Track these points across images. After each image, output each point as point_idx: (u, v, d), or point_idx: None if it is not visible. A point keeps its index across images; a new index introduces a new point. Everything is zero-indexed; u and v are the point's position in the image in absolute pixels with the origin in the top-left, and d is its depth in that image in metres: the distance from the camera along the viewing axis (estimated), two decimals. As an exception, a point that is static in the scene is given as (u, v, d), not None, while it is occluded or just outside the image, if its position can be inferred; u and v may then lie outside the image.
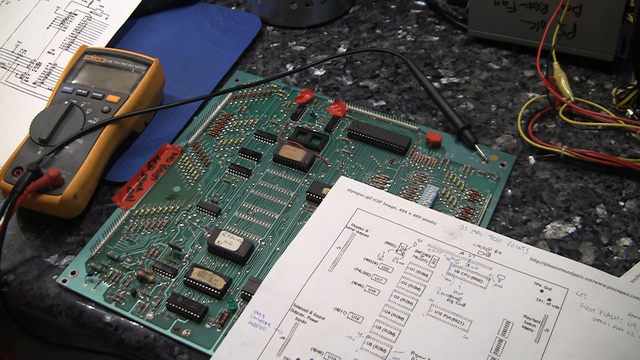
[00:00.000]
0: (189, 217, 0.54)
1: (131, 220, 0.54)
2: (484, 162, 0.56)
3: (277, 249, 0.52)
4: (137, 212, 0.54)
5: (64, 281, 0.51)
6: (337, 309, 0.47)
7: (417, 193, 0.54)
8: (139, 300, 0.49)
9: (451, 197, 0.54)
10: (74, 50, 0.65)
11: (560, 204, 0.54)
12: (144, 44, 0.69)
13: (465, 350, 0.45)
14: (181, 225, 0.54)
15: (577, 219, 0.53)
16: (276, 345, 0.46)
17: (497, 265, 0.49)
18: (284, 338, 0.46)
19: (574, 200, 0.54)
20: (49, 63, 0.65)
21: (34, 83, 0.64)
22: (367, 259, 0.50)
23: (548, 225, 0.52)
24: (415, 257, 0.50)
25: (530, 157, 0.57)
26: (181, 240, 0.53)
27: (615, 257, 0.50)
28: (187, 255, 0.51)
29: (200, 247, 0.52)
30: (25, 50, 0.66)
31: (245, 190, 0.56)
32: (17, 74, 0.64)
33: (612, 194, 0.54)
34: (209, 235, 0.52)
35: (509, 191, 0.55)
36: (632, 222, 0.52)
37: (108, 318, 0.49)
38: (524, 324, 0.46)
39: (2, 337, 0.54)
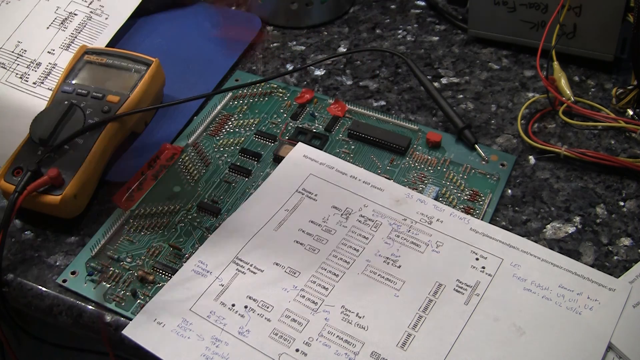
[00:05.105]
0: (189, 217, 0.54)
1: (131, 220, 0.54)
2: (484, 162, 0.56)
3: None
4: (137, 212, 0.54)
5: (64, 281, 0.51)
6: (277, 264, 0.49)
7: (417, 193, 0.54)
8: (138, 300, 0.49)
9: (451, 197, 0.54)
10: (74, 50, 0.65)
11: (560, 204, 0.54)
12: (144, 44, 0.69)
13: (395, 307, 0.47)
14: (181, 225, 0.54)
15: (577, 219, 0.53)
16: (215, 291, 0.48)
17: (437, 233, 0.51)
18: (222, 285, 0.48)
19: (574, 200, 0.54)
20: (49, 63, 0.65)
21: (34, 83, 0.64)
22: (312, 221, 0.52)
23: (548, 225, 0.52)
24: (359, 221, 0.52)
25: (530, 157, 0.57)
26: (181, 240, 0.53)
27: (615, 257, 0.50)
28: (187, 255, 0.51)
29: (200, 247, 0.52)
30: (25, 50, 0.66)
31: (245, 190, 0.56)
32: (17, 74, 0.64)
33: (612, 194, 0.54)
34: (208, 235, 0.52)
35: (509, 191, 0.55)
36: (632, 222, 0.52)
37: (108, 318, 0.49)
38: (455, 287, 0.48)
39: (1, 337, 0.54)
